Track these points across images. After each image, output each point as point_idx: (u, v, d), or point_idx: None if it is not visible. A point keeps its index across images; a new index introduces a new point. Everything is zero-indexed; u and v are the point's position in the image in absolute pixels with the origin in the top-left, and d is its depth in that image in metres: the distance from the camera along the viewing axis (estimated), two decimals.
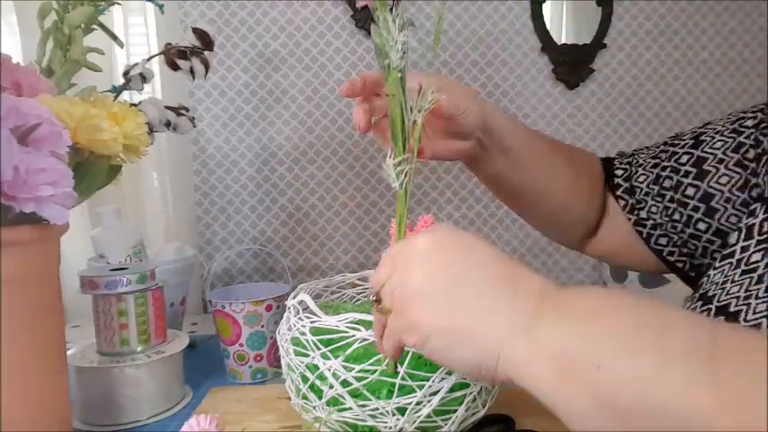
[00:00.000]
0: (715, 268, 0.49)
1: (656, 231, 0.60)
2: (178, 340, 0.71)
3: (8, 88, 0.51)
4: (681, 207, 0.57)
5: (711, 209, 0.55)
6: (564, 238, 0.69)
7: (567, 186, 0.62)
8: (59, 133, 0.46)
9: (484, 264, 0.37)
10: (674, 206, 0.57)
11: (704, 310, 0.46)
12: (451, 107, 0.50)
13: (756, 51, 1.33)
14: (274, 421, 0.63)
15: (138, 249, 0.89)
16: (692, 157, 0.57)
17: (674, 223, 0.58)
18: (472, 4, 1.25)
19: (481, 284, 0.36)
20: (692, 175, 0.56)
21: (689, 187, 0.56)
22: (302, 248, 1.28)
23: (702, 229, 0.56)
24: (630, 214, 0.61)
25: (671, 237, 0.59)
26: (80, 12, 0.62)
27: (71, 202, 0.45)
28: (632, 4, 1.29)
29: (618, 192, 0.63)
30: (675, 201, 0.57)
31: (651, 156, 0.61)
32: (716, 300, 0.46)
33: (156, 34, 1.09)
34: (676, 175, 0.57)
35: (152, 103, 0.71)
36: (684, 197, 0.56)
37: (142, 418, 0.65)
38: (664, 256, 0.60)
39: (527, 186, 0.61)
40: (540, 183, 0.61)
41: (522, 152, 0.58)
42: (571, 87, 1.30)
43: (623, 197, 0.62)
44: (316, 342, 0.50)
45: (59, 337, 0.52)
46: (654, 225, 0.60)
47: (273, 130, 1.24)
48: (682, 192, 0.57)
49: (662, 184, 0.59)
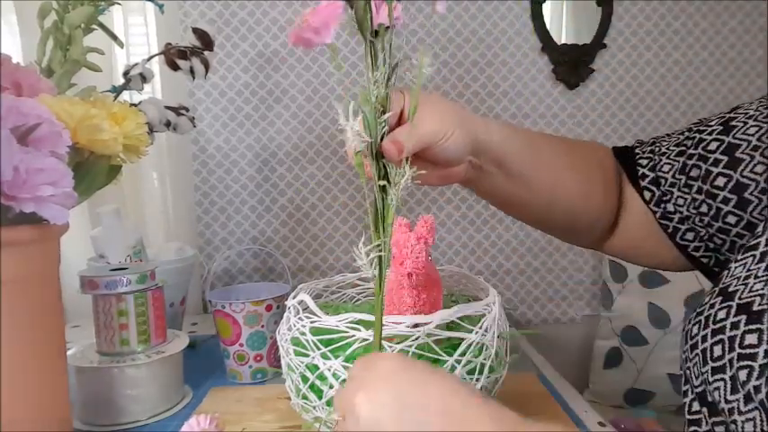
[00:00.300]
0: (737, 261, 0.46)
1: (683, 226, 0.55)
2: (178, 340, 0.71)
3: (8, 88, 0.51)
4: (709, 198, 0.52)
5: (743, 200, 0.49)
6: (580, 240, 0.65)
7: (578, 191, 0.57)
8: (59, 133, 0.46)
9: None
10: (701, 198, 0.52)
11: (724, 307, 0.43)
12: (429, 135, 0.45)
13: (756, 51, 1.33)
14: (274, 421, 0.63)
15: (138, 249, 0.89)
16: (722, 143, 0.51)
17: (701, 216, 0.53)
18: (472, 4, 1.25)
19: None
20: (723, 163, 0.50)
21: (719, 177, 0.51)
22: (302, 248, 1.28)
23: (732, 223, 0.51)
24: (657, 207, 0.56)
25: (697, 231, 0.54)
26: (80, 12, 0.62)
27: (71, 202, 0.45)
28: (632, 4, 1.29)
29: (644, 182, 0.57)
30: (704, 192, 0.52)
31: (675, 143, 0.56)
32: (737, 296, 0.43)
33: (156, 34, 1.09)
34: (704, 164, 0.52)
35: (152, 103, 0.71)
36: (714, 188, 0.51)
37: (142, 418, 0.65)
38: (689, 251, 0.56)
39: (533, 199, 0.56)
40: (547, 193, 0.56)
41: (522, 165, 0.53)
42: (571, 87, 1.30)
43: (650, 188, 0.57)
44: (316, 342, 0.50)
45: (59, 337, 0.52)
46: (681, 219, 0.55)
47: (273, 130, 1.24)
48: (711, 182, 0.51)
49: (689, 173, 0.53)
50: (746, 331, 0.40)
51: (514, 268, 1.34)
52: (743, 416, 0.38)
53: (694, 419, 0.44)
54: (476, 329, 0.51)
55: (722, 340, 0.41)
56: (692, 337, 0.45)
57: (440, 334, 0.49)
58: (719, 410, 0.41)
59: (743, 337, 0.40)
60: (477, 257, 1.33)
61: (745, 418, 0.38)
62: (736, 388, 0.39)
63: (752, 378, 0.38)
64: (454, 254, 1.32)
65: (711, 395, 0.42)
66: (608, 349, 1.30)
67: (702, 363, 0.43)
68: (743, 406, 0.38)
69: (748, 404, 0.38)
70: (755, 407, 0.37)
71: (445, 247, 1.32)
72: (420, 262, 0.51)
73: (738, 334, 0.40)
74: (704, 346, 0.43)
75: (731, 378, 0.39)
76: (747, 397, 0.38)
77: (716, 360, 0.41)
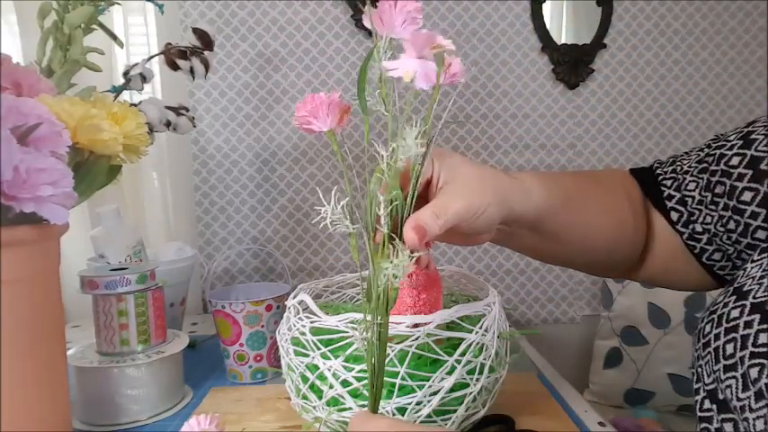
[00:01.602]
0: (753, 261, 0.45)
1: (710, 246, 0.54)
2: (178, 340, 0.71)
3: (8, 88, 0.51)
4: (736, 214, 0.50)
5: None
6: (610, 274, 0.63)
7: (610, 233, 0.55)
8: (59, 133, 0.46)
9: None
10: (728, 214, 0.50)
11: (738, 306, 0.43)
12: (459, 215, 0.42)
13: (756, 51, 1.33)
14: (274, 421, 0.63)
15: (138, 249, 0.89)
16: (745, 157, 0.49)
17: (729, 233, 0.51)
18: (472, 4, 1.25)
19: None
20: (747, 177, 0.49)
21: (745, 192, 0.49)
22: (302, 248, 1.28)
23: (762, 238, 0.49)
24: (684, 228, 0.55)
25: (725, 250, 0.53)
26: (80, 12, 0.62)
27: (71, 202, 0.45)
28: (632, 4, 1.29)
29: (671, 203, 0.56)
30: (731, 208, 0.50)
31: (696, 160, 0.55)
32: (751, 296, 0.42)
33: (156, 34, 1.09)
34: (729, 180, 0.50)
35: (152, 103, 0.71)
36: (740, 203, 0.49)
37: (142, 418, 0.65)
38: (714, 270, 0.55)
39: (564, 251, 0.55)
40: (579, 244, 0.55)
41: (555, 225, 0.51)
42: (571, 87, 1.30)
43: (677, 209, 0.55)
44: (316, 342, 0.50)
45: (59, 337, 0.52)
46: (708, 239, 0.54)
47: (273, 130, 1.24)
48: (737, 197, 0.49)
49: (714, 190, 0.52)
50: (760, 330, 0.40)
51: (514, 268, 1.34)
52: (754, 413, 0.38)
53: (705, 417, 0.44)
54: (476, 329, 0.51)
55: (735, 338, 0.41)
56: (705, 336, 0.45)
57: (440, 334, 0.49)
58: (731, 408, 0.41)
59: (756, 336, 0.40)
60: (477, 257, 1.33)
61: (756, 415, 0.38)
62: (748, 386, 0.39)
63: (763, 376, 0.38)
64: (454, 254, 1.32)
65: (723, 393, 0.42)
66: (608, 349, 1.30)
67: (714, 361, 0.43)
68: (754, 403, 0.38)
69: (759, 401, 0.38)
70: (766, 404, 0.37)
71: (445, 247, 1.32)
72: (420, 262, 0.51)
73: (752, 333, 0.40)
74: (717, 345, 0.43)
75: (742, 376, 0.39)
76: (758, 394, 0.38)
77: (728, 358, 0.41)
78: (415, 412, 0.49)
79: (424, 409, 0.49)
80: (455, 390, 0.50)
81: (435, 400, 0.49)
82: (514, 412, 0.59)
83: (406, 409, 0.48)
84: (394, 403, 0.48)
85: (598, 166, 1.34)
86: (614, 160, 1.34)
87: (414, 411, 0.49)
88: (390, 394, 0.48)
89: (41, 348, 0.48)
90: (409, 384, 0.48)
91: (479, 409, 0.53)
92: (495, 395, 0.55)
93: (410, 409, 0.48)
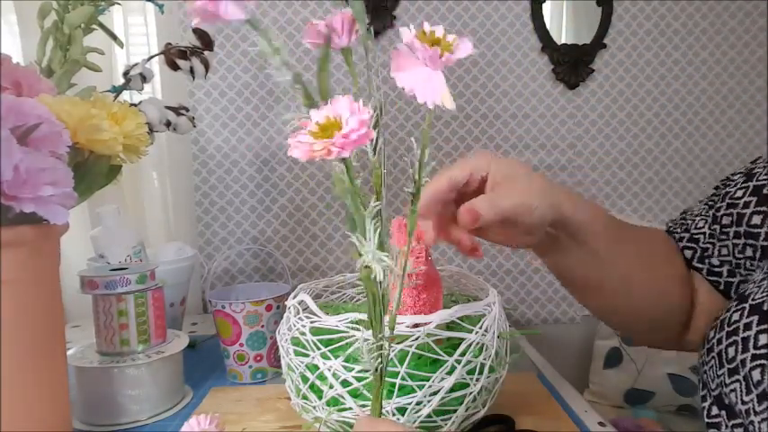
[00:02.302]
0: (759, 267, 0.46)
1: (734, 279, 0.53)
2: (178, 340, 0.71)
3: (8, 88, 0.51)
4: (750, 239, 0.49)
5: None
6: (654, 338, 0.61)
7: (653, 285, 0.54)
8: (59, 133, 0.46)
9: None
10: (742, 241, 0.50)
11: (738, 309, 0.43)
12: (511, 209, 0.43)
13: (756, 51, 1.33)
14: (274, 421, 0.63)
15: (138, 249, 0.89)
16: (748, 189, 0.51)
17: (748, 260, 0.51)
18: (472, 4, 1.25)
19: None
20: (754, 203, 0.49)
21: (753, 216, 0.49)
22: (302, 248, 1.28)
23: None
24: (701, 263, 0.55)
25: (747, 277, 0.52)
26: (80, 12, 0.62)
27: (71, 202, 0.45)
28: (632, 4, 1.29)
29: (683, 243, 0.56)
30: (743, 234, 0.50)
31: (704, 203, 0.56)
32: (750, 298, 0.43)
33: (156, 34, 1.09)
34: (735, 209, 0.51)
35: (152, 103, 0.71)
36: (751, 227, 0.49)
37: (142, 418, 0.65)
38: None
39: (604, 282, 0.53)
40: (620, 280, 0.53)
41: (599, 245, 0.50)
42: (571, 87, 1.30)
43: (690, 246, 0.56)
44: (316, 342, 0.50)
45: (59, 337, 0.52)
46: (730, 271, 0.53)
47: (273, 130, 1.24)
48: (747, 223, 0.50)
49: (721, 222, 0.52)
50: (759, 331, 0.40)
51: (514, 268, 1.34)
52: (758, 416, 0.38)
53: (714, 423, 0.44)
54: (476, 329, 0.51)
55: (736, 341, 0.41)
56: (709, 341, 0.45)
57: (440, 334, 0.49)
58: (737, 413, 0.40)
59: (756, 338, 0.40)
60: None
61: (761, 418, 0.38)
62: (750, 388, 0.39)
63: (765, 377, 0.38)
64: (454, 254, 1.32)
65: (728, 397, 0.41)
66: (608, 349, 1.30)
67: (718, 365, 0.43)
68: (757, 406, 0.38)
69: (762, 403, 0.38)
70: None
71: (445, 247, 1.32)
72: (420, 262, 0.51)
73: (752, 334, 0.40)
74: (719, 349, 0.43)
75: (745, 378, 0.39)
76: (761, 396, 0.38)
77: (731, 362, 0.41)
78: (415, 412, 0.49)
79: (424, 409, 0.49)
80: (455, 390, 0.50)
81: (435, 400, 0.49)
82: (514, 412, 0.59)
83: (406, 409, 0.48)
84: (394, 403, 0.48)
85: (598, 166, 1.34)
86: (614, 160, 1.34)
87: (414, 411, 0.49)
88: (390, 394, 0.48)
89: (41, 348, 0.48)
90: (409, 384, 0.48)
91: (479, 409, 0.53)
92: (495, 395, 0.55)
93: (410, 409, 0.48)
